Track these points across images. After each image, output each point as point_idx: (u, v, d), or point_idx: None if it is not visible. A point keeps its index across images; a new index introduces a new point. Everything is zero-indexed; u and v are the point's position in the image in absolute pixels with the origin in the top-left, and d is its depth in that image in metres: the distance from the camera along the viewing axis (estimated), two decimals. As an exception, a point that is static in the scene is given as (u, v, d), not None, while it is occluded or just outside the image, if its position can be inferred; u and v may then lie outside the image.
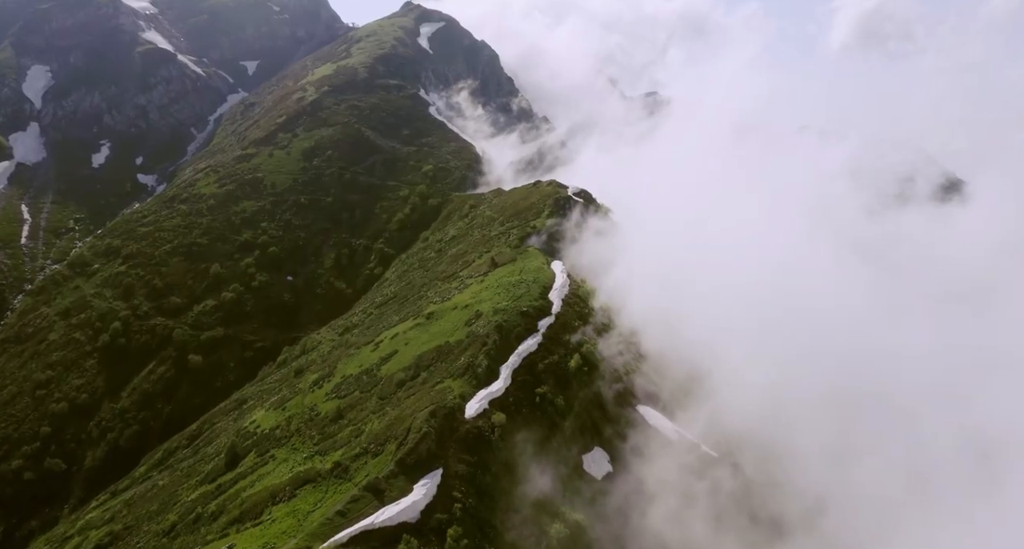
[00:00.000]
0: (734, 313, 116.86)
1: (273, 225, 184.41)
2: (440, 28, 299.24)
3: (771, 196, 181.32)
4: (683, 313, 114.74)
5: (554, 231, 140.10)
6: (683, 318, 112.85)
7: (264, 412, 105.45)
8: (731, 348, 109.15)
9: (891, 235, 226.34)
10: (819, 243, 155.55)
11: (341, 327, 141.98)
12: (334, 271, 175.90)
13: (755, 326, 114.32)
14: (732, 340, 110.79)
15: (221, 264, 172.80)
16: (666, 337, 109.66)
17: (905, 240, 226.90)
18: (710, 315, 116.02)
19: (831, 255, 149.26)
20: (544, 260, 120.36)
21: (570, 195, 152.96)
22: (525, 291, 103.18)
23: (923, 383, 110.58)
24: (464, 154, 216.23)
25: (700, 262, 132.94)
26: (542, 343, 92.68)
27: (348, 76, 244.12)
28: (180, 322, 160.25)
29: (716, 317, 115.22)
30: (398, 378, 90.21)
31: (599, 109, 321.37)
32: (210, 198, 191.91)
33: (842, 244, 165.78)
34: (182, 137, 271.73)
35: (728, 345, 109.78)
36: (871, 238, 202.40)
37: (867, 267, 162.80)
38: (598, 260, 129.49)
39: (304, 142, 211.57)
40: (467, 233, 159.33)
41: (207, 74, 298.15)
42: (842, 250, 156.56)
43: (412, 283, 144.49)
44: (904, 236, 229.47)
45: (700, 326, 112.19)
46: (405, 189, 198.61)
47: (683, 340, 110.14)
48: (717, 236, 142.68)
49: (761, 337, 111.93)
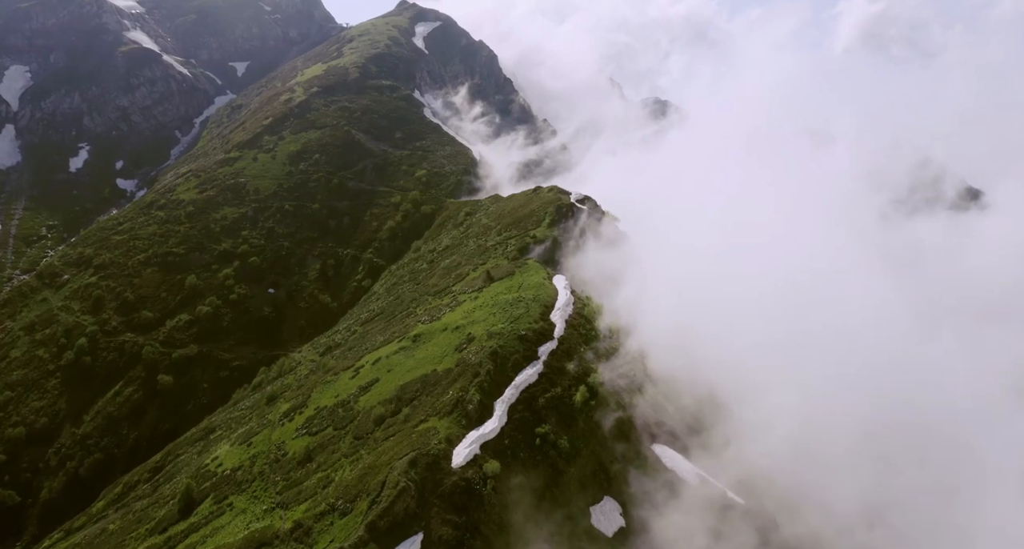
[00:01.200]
0: (757, 333, 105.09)
1: (255, 233, 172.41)
2: (436, 28, 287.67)
3: (788, 204, 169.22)
4: (701, 333, 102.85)
5: (556, 241, 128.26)
6: (701, 339, 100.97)
7: (229, 447, 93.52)
8: (755, 374, 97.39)
9: (913, 244, 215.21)
10: (844, 253, 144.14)
11: (323, 346, 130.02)
12: (319, 283, 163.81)
13: (780, 348, 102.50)
14: (755, 364, 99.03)
15: (198, 275, 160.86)
16: (682, 361, 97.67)
17: (928, 249, 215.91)
18: (731, 335, 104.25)
19: (858, 266, 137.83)
20: (545, 274, 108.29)
21: (573, 202, 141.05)
22: (524, 311, 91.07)
23: (966, 412, 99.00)
24: (460, 158, 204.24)
25: (717, 275, 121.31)
26: (543, 373, 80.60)
27: (339, 76, 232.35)
28: (151, 338, 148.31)
29: (737, 338, 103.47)
30: (377, 413, 78.15)
31: (602, 113, 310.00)
32: (189, 204, 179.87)
33: (865, 254, 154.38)
34: (165, 140, 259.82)
35: (751, 371, 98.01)
36: (893, 247, 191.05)
37: (894, 278, 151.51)
38: (604, 274, 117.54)
39: (290, 145, 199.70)
40: (461, 243, 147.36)
41: (194, 75, 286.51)
42: (868, 261, 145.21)
43: (401, 298, 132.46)
44: (926, 245, 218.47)
45: (720, 348, 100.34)
46: (397, 195, 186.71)
47: (701, 364, 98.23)
48: (734, 246, 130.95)
49: (787, 360, 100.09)
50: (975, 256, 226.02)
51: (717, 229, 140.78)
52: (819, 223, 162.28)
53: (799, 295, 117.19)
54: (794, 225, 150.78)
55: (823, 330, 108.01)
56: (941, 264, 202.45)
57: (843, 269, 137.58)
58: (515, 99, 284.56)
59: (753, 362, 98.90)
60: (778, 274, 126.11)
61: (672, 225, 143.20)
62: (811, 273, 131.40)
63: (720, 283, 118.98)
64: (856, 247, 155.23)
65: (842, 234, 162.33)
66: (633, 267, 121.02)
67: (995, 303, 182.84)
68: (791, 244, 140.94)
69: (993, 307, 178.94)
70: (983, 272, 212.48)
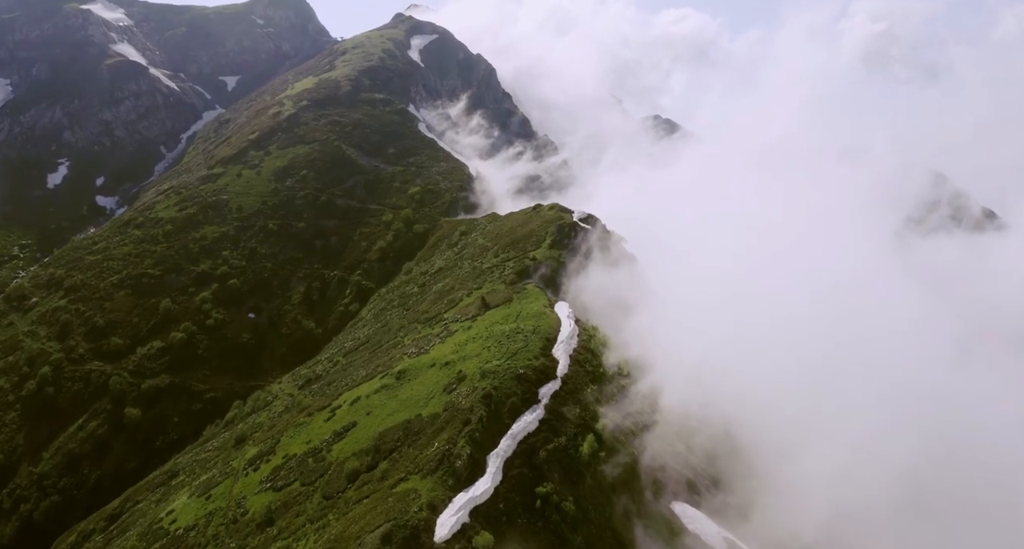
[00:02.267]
0: (785, 366, 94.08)
1: (236, 254, 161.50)
2: (433, 41, 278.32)
3: (803, 224, 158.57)
4: (721, 366, 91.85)
5: (558, 264, 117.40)
6: (721, 373, 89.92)
7: (187, 499, 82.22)
8: (784, 416, 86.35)
9: (930, 265, 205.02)
10: (869, 273, 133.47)
11: (303, 377, 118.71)
12: (303, 307, 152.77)
13: (810, 384, 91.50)
14: (784, 403, 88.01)
15: (173, 299, 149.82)
16: (702, 400, 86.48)
17: (945, 270, 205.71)
18: (754, 368, 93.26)
19: (884, 288, 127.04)
20: (546, 301, 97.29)
21: (576, 221, 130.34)
22: (522, 345, 79.91)
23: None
24: (456, 175, 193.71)
25: (736, 299, 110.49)
26: (544, 419, 69.29)
27: (330, 89, 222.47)
28: (119, 367, 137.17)
29: (762, 371, 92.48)
30: (350, 467, 66.88)
31: (604, 129, 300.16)
32: (168, 223, 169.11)
33: (890, 275, 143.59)
34: (149, 156, 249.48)
35: (779, 411, 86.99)
36: (911, 268, 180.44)
37: (921, 301, 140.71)
38: (612, 300, 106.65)
39: (277, 161, 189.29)
40: (455, 265, 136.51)
41: (181, 89, 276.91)
42: (894, 282, 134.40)
43: (388, 325, 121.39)
44: (944, 266, 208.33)
45: (743, 381, 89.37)
46: (388, 213, 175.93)
47: (723, 403, 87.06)
48: (752, 268, 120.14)
49: (819, 399, 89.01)
50: (997, 279, 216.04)
51: (732, 250, 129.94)
52: (839, 242, 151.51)
53: (826, 320, 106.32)
54: (813, 245, 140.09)
55: (857, 360, 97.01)
56: (962, 286, 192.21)
57: (869, 290, 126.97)
58: (514, 113, 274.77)
59: (781, 401, 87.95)
60: (801, 298, 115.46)
61: (683, 246, 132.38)
62: (836, 295, 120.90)
63: (739, 308, 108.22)
64: (881, 267, 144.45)
65: (865, 253, 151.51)
66: (643, 292, 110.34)
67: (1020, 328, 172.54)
68: (811, 265, 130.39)
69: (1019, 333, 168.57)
70: (1006, 296, 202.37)
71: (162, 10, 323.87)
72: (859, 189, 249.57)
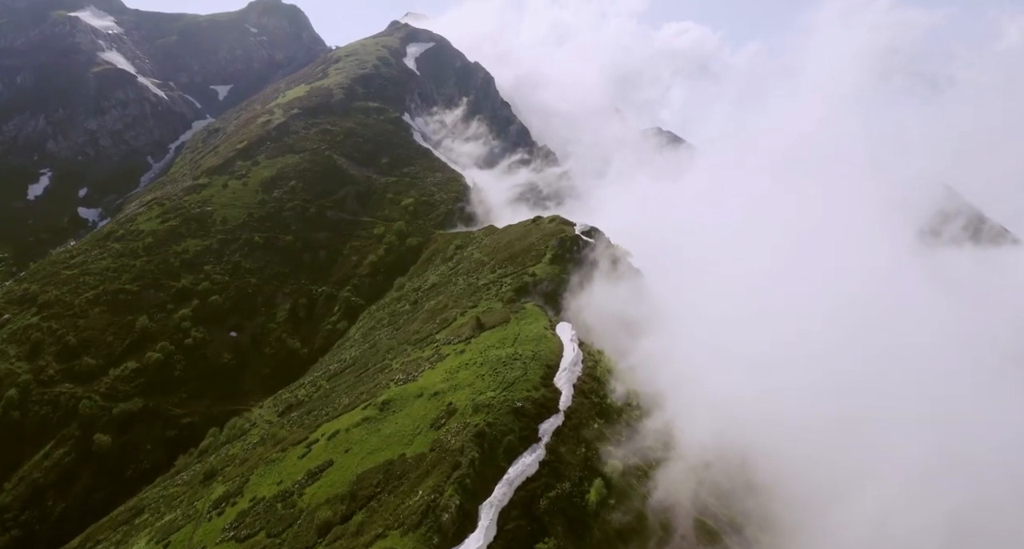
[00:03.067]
0: (811, 392, 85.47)
1: (219, 268, 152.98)
2: (429, 49, 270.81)
3: (820, 236, 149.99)
4: (741, 394, 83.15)
5: (559, 280, 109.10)
6: (742, 401, 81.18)
7: (144, 545, 73.34)
8: (813, 448, 77.58)
9: (945, 280, 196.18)
10: (894, 287, 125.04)
11: (284, 403, 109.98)
12: (288, 326, 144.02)
13: (842, 411, 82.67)
14: (813, 435, 79.29)
15: (150, 316, 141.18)
16: (720, 432, 77.61)
17: (960, 285, 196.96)
18: (779, 396, 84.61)
19: (912, 304, 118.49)
20: (546, 322, 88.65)
21: (578, 234, 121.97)
22: (520, 373, 71.22)
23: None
24: (451, 186, 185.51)
25: (756, 318, 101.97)
26: (545, 461, 60.53)
27: (322, 98, 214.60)
28: (91, 390, 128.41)
29: (788, 399, 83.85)
30: (322, 518, 58.12)
31: (606, 140, 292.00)
32: (148, 236, 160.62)
33: (916, 288, 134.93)
34: (136, 166, 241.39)
35: (809, 442, 78.26)
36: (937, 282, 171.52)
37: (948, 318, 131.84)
38: (618, 321, 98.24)
39: (265, 171, 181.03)
40: (450, 281, 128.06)
41: (171, 98, 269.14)
42: (921, 297, 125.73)
43: (377, 346, 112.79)
44: (960, 281, 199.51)
45: (767, 413, 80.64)
46: (380, 226, 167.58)
47: (745, 435, 78.27)
48: (771, 284, 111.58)
49: (852, 430, 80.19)
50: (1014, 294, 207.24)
51: (746, 264, 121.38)
52: (857, 255, 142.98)
53: (853, 341, 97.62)
54: (831, 258, 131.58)
55: (892, 382, 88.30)
56: (984, 300, 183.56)
57: (895, 303, 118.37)
58: (513, 122, 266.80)
59: (808, 431, 79.22)
60: (824, 316, 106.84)
61: (694, 262, 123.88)
62: (861, 309, 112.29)
63: (759, 327, 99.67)
64: (904, 280, 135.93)
65: (885, 265, 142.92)
66: (652, 311, 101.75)
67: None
68: (831, 279, 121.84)
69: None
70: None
71: (154, 18, 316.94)
72: (870, 201, 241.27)
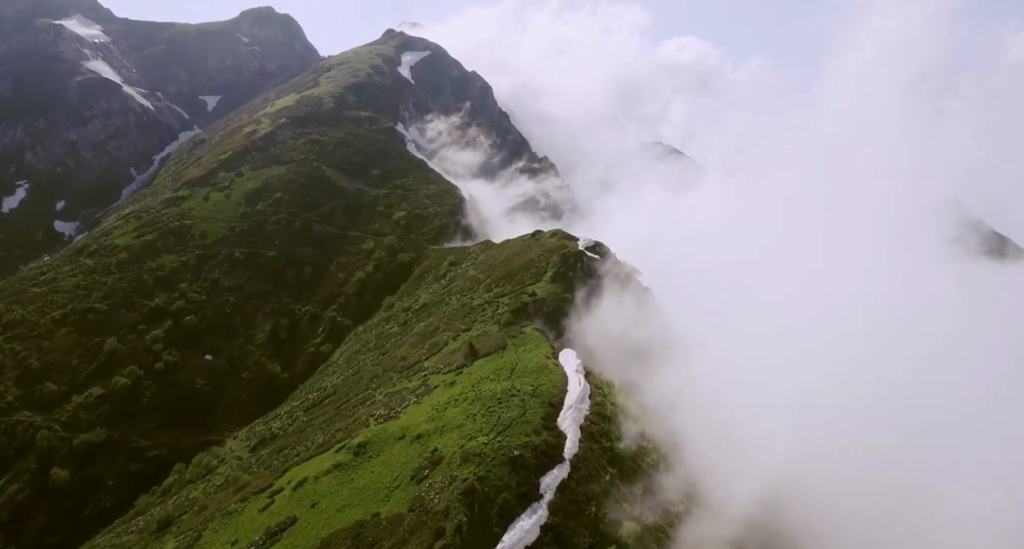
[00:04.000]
0: (853, 428, 74.80)
1: (195, 286, 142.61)
2: (425, 57, 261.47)
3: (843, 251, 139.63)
4: (772, 430, 72.55)
5: (561, 301, 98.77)
6: (783, 445, 70.48)
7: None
8: (859, 496, 66.93)
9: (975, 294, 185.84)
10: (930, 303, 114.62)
11: (258, 436, 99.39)
12: (268, 348, 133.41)
13: (892, 452, 72.01)
14: (859, 481, 68.59)
15: (120, 338, 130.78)
16: (757, 482, 66.87)
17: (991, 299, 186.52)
18: (815, 433, 73.99)
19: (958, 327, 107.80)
20: (548, 349, 78.07)
21: (582, 250, 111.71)
22: (518, 413, 60.65)
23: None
24: (446, 198, 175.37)
25: (782, 340, 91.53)
26: (549, 525, 49.84)
27: (311, 107, 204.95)
28: (51, 418, 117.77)
29: (827, 437, 73.21)
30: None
31: (608, 152, 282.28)
32: (123, 251, 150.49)
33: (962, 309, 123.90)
34: (117, 178, 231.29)
35: (854, 491, 67.60)
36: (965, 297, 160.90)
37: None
38: (628, 347, 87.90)
39: (249, 182, 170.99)
40: (442, 300, 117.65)
41: (157, 108, 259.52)
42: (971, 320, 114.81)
43: (360, 373, 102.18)
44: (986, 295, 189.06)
45: (803, 455, 70.01)
46: (370, 241, 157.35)
47: (785, 484, 67.48)
48: (796, 304, 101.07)
49: (908, 473, 69.58)
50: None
51: (767, 283, 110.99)
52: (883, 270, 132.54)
53: (909, 373, 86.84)
54: (858, 277, 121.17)
55: (948, 413, 77.72)
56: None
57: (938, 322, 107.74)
58: (512, 133, 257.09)
59: (854, 479, 68.57)
60: (862, 340, 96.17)
61: (711, 278, 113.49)
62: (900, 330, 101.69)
63: (786, 352, 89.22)
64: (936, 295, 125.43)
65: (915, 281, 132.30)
66: (666, 336, 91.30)
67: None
68: (864, 301, 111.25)
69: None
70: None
71: (142, 27, 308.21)
72: (885, 215, 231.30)
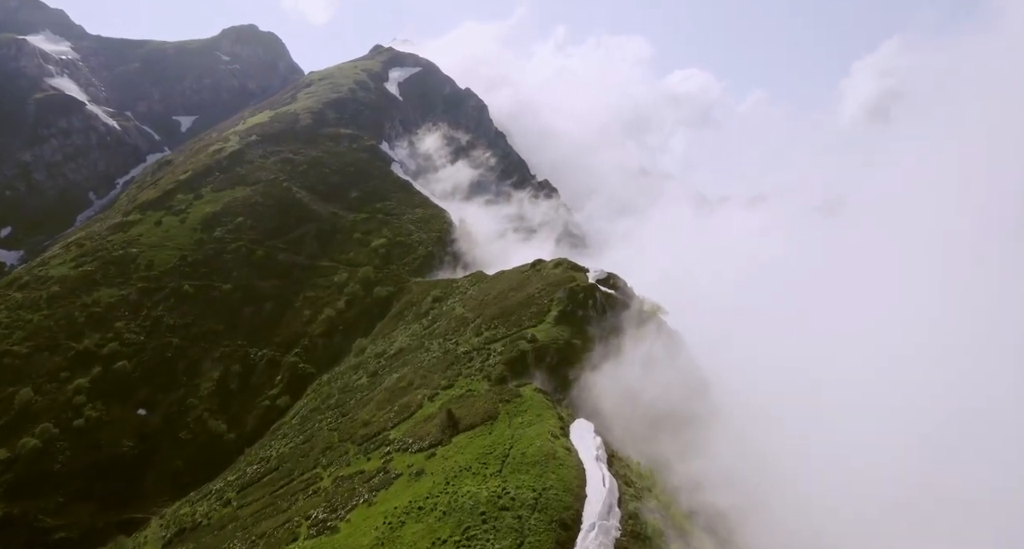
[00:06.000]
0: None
1: (133, 325, 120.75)
2: (415, 74, 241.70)
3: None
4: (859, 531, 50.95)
5: (569, 349, 77.36)
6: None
7: None
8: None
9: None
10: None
11: (178, 523, 77.35)
12: (214, 401, 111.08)
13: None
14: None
15: (37, 388, 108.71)
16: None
17: None
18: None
19: None
20: (554, 423, 56.30)
21: (593, 283, 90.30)
22: (513, 544, 38.85)
23: None
24: (433, 223, 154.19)
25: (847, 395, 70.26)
26: None
27: (286, 123, 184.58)
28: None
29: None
30: None
31: (611, 177, 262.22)
32: (56, 283, 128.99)
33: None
34: (73, 202, 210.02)
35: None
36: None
37: None
38: (655, 412, 66.24)
39: (208, 206, 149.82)
40: (422, 345, 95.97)
41: (124, 128, 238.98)
42: None
43: (313, 441, 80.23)
44: None
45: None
46: (343, 272, 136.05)
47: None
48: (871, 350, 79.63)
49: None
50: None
51: (821, 317, 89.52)
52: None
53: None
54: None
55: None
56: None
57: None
58: (509, 154, 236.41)
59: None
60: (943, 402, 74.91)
61: (750, 316, 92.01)
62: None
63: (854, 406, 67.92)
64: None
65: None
66: (705, 397, 69.79)
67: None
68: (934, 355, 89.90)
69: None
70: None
71: (116, 45, 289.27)
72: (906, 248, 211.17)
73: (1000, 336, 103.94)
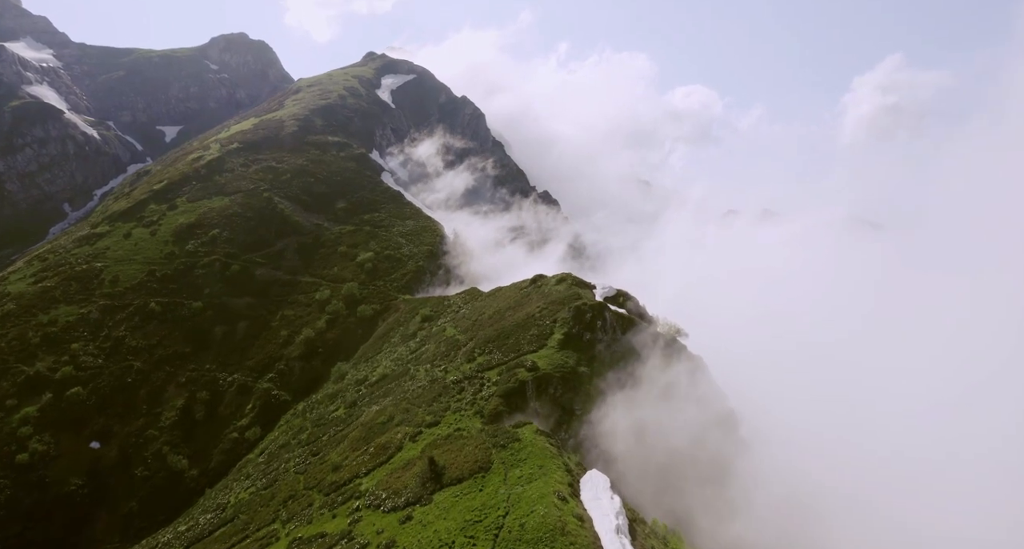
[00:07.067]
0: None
1: (92, 347, 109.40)
2: (409, 81, 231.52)
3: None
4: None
5: (575, 379, 66.16)
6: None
7: None
8: None
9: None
10: None
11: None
12: (176, 433, 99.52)
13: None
14: None
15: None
16: None
17: None
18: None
19: None
20: (561, 476, 45.08)
21: (601, 301, 79.10)
22: None
23: None
24: (425, 236, 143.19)
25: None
26: None
27: (270, 130, 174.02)
28: None
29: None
30: None
31: (613, 190, 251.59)
32: (12, 300, 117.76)
33: None
34: (47, 214, 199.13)
35: None
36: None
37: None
38: (683, 456, 55.16)
39: (182, 217, 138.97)
40: (406, 372, 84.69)
41: (104, 138, 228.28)
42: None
43: (276, 485, 68.86)
44: None
45: None
46: (325, 289, 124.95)
47: None
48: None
49: None
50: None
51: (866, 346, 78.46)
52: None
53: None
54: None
55: None
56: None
57: None
58: (506, 163, 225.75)
59: None
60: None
61: (778, 340, 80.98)
62: None
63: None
64: None
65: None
66: (734, 431, 58.65)
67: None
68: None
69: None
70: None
71: (100, 53, 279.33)
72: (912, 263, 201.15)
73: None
